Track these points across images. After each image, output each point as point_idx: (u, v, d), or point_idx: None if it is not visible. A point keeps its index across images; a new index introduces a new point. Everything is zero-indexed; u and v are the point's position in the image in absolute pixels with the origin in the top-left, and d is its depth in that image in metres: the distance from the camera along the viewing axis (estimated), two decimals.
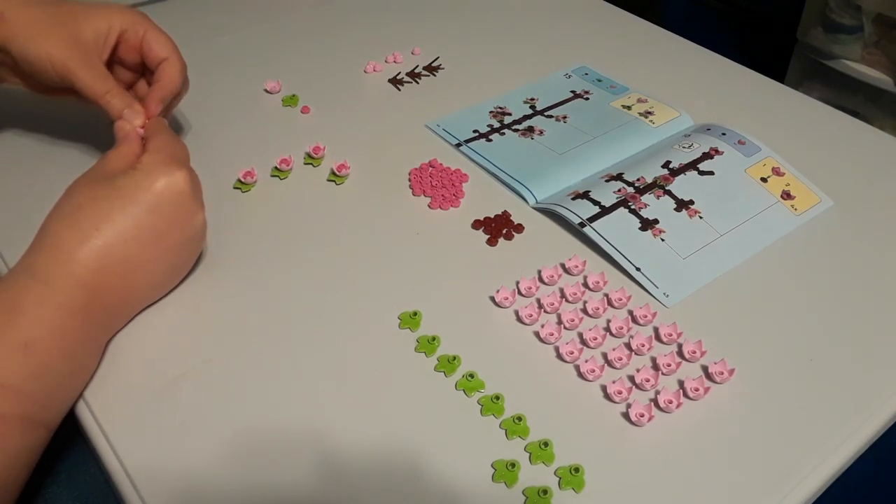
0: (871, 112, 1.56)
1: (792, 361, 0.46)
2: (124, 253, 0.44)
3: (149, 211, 0.45)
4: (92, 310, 0.43)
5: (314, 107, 0.67)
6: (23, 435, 0.39)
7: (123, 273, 0.44)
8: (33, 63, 0.52)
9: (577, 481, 0.39)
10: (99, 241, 0.43)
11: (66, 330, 0.42)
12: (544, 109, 0.67)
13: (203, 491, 0.39)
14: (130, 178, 0.45)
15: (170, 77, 0.55)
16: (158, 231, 0.45)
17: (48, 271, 0.42)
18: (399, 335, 0.47)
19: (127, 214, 0.44)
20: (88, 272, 0.43)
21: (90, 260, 0.43)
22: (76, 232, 0.43)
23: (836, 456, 0.41)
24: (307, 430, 0.42)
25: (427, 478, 0.40)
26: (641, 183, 0.57)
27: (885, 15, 1.49)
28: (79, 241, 0.43)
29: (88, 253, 0.43)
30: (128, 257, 0.44)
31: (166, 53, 0.55)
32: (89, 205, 0.44)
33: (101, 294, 0.44)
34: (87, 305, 0.43)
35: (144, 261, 0.45)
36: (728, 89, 0.71)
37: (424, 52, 0.75)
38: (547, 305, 0.49)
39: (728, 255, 0.53)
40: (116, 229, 0.44)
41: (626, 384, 0.44)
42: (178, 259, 0.48)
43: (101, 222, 0.44)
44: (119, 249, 0.44)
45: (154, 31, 0.55)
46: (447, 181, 0.59)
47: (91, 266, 0.43)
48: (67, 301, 0.42)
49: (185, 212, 0.47)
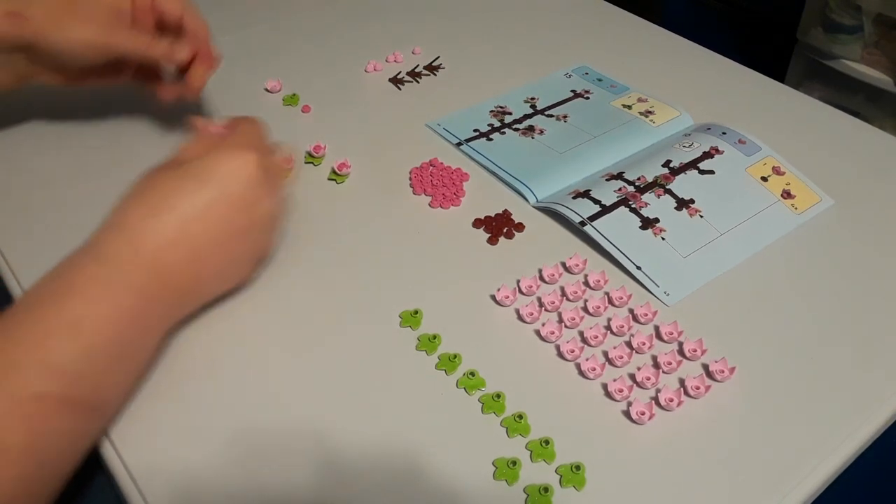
0: (871, 112, 1.57)
1: (792, 360, 0.46)
2: (187, 232, 0.43)
3: (214, 192, 0.44)
4: (149, 290, 0.41)
5: (315, 106, 0.67)
6: (65, 417, 0.37)
7: (186, 255, 0.43)
8: (64, 51, 0.54)
9: (578, 479, 0.39)
10: (161, 219, 0.42)
11: (120, 309, 0.40)
12: (545, 109, 0.67)
13: (204, 490, 0.39)
14: (201, 161, 0.45)
15: (195, 25, 0.57)
16: (223, 214, 0.44)
17: (107, 248, 0.41)
18: (400, 333, 0.47)
19: (192, 193, 0.43)
20: (148, 250, 0.41)
21: (150, 236, 0.42)
22: (140, 209, 0.43)
23: (836, 455, 0.41)
24: (308, 428, 0.42)
25: (428, 476, 0.40)
26: (642, 182, 0.57)
27: (885, 15, 1.49)
28: (141, 217, 0.42)
29: (149, 229, 0.42)
30: (190, 236, 0.43)
31: (179, 10, 0.57)
32: (156, 185, 0.44)
33: (161, 275, 0.42)
34: (145, 285, 0.41)
35: (208, 243, 0.44)
36: (728, 89, 0.71)
37: (425, 52, 0.75)
38: (548, 304, 0.49)
39: (728, 254, 0.53)
40: (180, 208, 0.43)
41: (626, 382, 0.44)
42: (242, 247, 0.46)
43: (164, 200, 0.43)
44: (182, 228, 0.43)
45: None
46: (448, 180, 0.59)
47: (151, 243, 0.42)
48: (122, 279, 0.40)
49: (251, 196, 0.45)
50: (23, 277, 0.50)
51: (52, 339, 0.38)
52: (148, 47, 0.55)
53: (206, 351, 0.46)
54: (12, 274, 0.51)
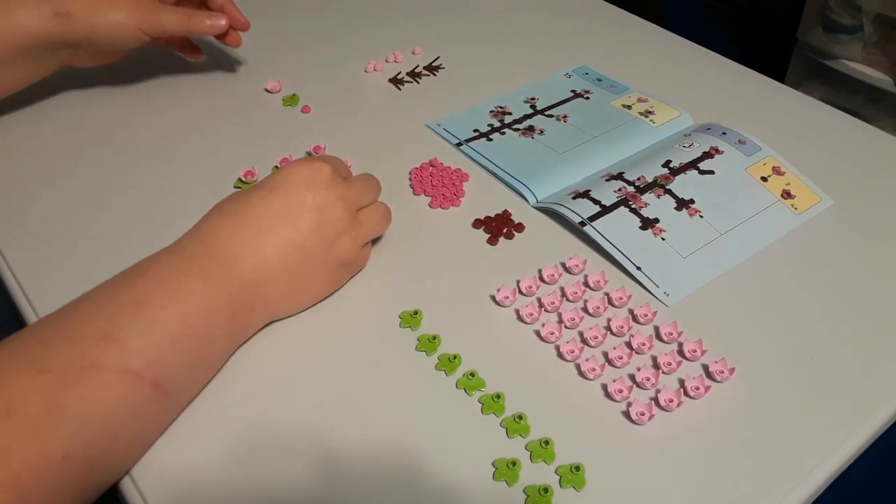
0: (871, 112, 1.57)
1: (792, 361, 0.46)
2: (251, 228, 0.44)
3: (284, 196, 0.45)
4: (215, 279, 0.42)
5: (315, 106, 0.67)
6: (126, 389, 0.37)
7: (253, 250, 0.44)
8: (109, 39, 0.59)
9: (578, 480, 0.39)
10: (232, 221, 0.44)
11: (186, 292, 0.41)
12: (545, 109, 0.67)
13: (204, 490, 0.39)
14: (273, 175, 0.47)
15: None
16: (290, 209, 0.45)
17: (180, 244, 0.44)
18: (400, 334, 0.47)
19: (261, 199, 0.45)
20: (217, 244, 0.43)
21: (221, 235, 0.44)
22: (213, 216, 0.45)
23: (836, 456, 0.41)
24: (308, 428, 0.42)
25: (428, 476, 0.40)
26: (642, 182, 0.57)
27: (885, 15, 1.49)
28: (214, 212, 0.45)
29: (221, 230, 0.44)
30: (255, 232, 0.44)
31: None
32: (234, 198, 0.46)
33: (230, 266, 0.43)
34: (209, 271, 0.42)
35: (273, 238, 0.44)
36: (728, 89, 0.71)
37: (425, 52, 0.75)
38: (547, 304, 0.49)
39: (728, 254, 0.53)
40: (252, 212, 0.45)
41: (626, 383, 0.44)
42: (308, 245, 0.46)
43: (238, 200, 0.45)
44: (247, 226, 0.44)
45: None
46: (448, 180, 0.59)
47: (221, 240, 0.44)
48: (189, 265, 0.42)
49: (322, 200, 0.46)
50: (23, 277, 0.50)
51: (118, 315, 0.39)
52: (188, 24, 0.60)
53: None
54: (12, 274, 0.51)
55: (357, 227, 0.48)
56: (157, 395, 0.39)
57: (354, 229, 0.48)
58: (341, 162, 0.51)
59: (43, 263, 0.51)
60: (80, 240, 0.53)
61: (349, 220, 0.47)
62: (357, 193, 0.49)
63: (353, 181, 0.49)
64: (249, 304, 0.44)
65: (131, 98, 0.67)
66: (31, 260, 0.51)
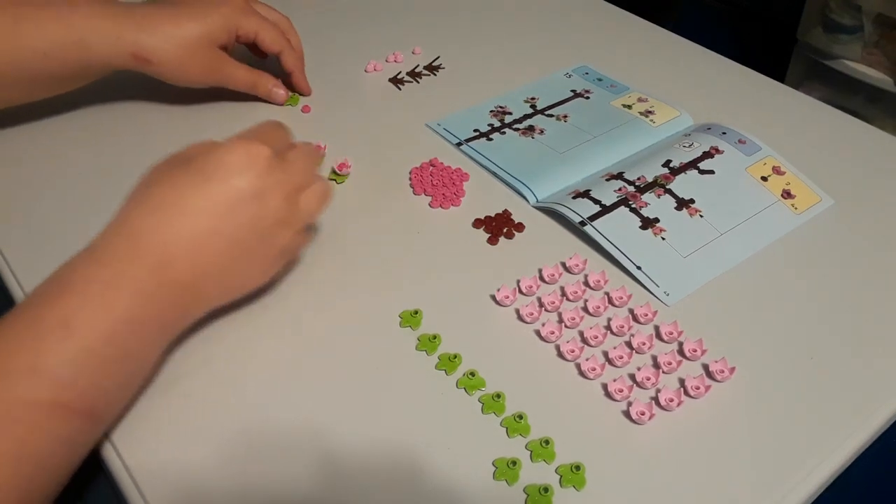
0: (871, 112, 1.57)
1: (792, 360, 0.46)
2: (190, 228, 0.41)
3: (220, 185, 0.42)
4: (147, 289, 0.40)
5: (315, 106, 0.67)
6: (57, 424, 0.36)
7: (189, 251, 0.41)
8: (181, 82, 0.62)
9: (578, 479, 0.39)
10: (162, 215, 0.41)
11: (116, 309, 0.38)
12: (545, 109, 0.67)
13: (204, 490, 0.39)
14: (208, 154, 0.43)
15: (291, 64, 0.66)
16: (231, 209, 0.42)
17: (105, 248, 0.40)
18: (400, 333, 0.47)
19: (196, 187, 0.42)
20: (147, 247, 0.40)
21: (150, 234, 0.40)
22: (141, 206, 0.41)
23: (836, 455, 0.41)
24: (308, 429, 0.42)
25: (428, 476, 0.40)
26: (642, 182, 0.57)
27: (885, 15, 1.49)
28: (141, 214, 0.41)
29: (148, 227, 0.41)
30: (194, 233, 0.41)
31: (279, 47, 0.65)
32: (160, 181, 0.42)
33: (161, 273, 0.40)
34: (143, 283, 0.39)
35: (213, 239, 0.42)
36: (728, 89, 0.71)
37: (425, 52, 0.75)
38: (548, 304, 0.49)
39: (728, 253, 0.53)
40: (182, 203, 0.41)
41: (626, 382, 0.44)
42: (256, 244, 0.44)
43: (167, 196, 0.41)
44: (185, 224, 0.41)
45: (264, 30, 0.63)
46: (448, 180, 0.59)
47: (150, 241, 0.40)
48: (118, 277, 0.39)
49: (261, 187, 0.43)
50: (23, 277, 0.50)
51: (45, 342, 0.37)
52: (254, 89, 0.65)
53: (206, 351, 0.46)
54: (12, 274, 0.51)
55: (296, 213, 0.46)
56: (89, 422, 0.38)
57: (293, 217, 0.45)
58: (278, 130, 0.48)
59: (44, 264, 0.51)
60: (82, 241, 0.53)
61: (288, 209, 0.45)
62: (297, 175, 0.46)
63: (292, 160, 0.46)
64: (183, 306, 0.42)
65: (133, 99, 0.67)
66: (31, 261, 0.51)
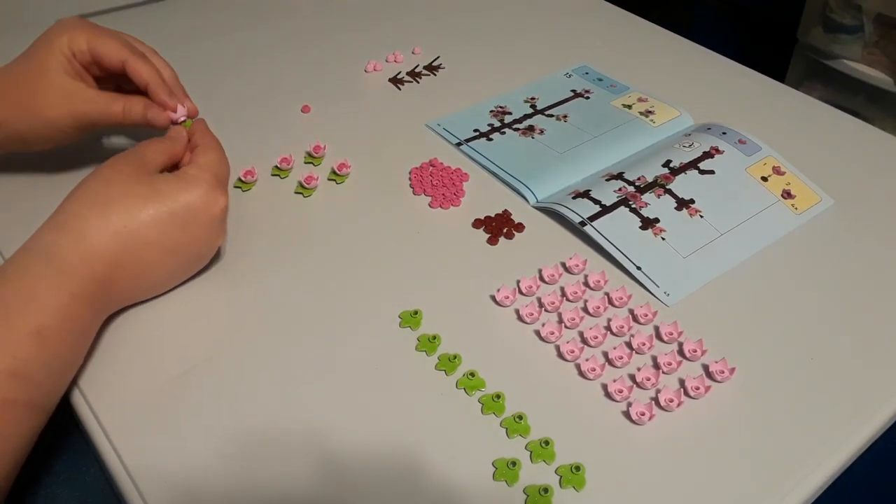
0: (871, 112, 1.56)
1: (792, 361, 0.46)
2: (142, 255, 0.45)
3: (180, 225, 0.46)
4: (98, 301, 0.44)
5: (315, 106, 0.67)
6: (28, 421, 0.40)
7: (135, 272, 0.45)
8: (43, 136, 0.53)
9: (578, 480, 0.39)
10: (124, 240, 0.44)
11: (76, 320, 0.42)
12: (545, 109, 0.67)
13: (204, 490, 0.39)
14: (172, 186, 0.46)
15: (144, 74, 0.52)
16: (181, 244, 0.46)
17: (67, 259, 0.42)
18: (400, 334, 0.47)
19: (158, 222, 0.45)
20: (104, 266, 0.43)
21: (110, 255, 0.43)
22: (104, 224, 0.44)
23: (836, 456, 0.41)
24: (307, 428, 0.42)
25: (428, 476, 0.40)
26: (642, 182, 0.57)
27: (885, 15, 1.49)
28: (105, 234, 0.43)
29: (111, 248, 0.44)
30: (144, 260, 0.45)
31: (122, 56, 0.52)
32: (124, 201, 0.44)
33: (109, 287, 0.44)
34: (95, 296, 0.43)
35: (157, 265, 0.46)
36: (728, 89, 0.71)
37: (425, 52, 0.75)
38: (548, 304, 0.49)
39: (728, 254, 0.53)
40: (143, 232, 0.44)
41: (626, 383, 0.44)
42: (184, 269, 0.49)
43: (131, 222, 0.44)
44: (139, 251, 0.45)
45: (99, 40, 0.51)
46: (447, 180, 0.59)
47: (109, 261, 0.44)
48: (80, 291, 0.42)
49: (212, 234, 0.48)
50: None
51: (19, 348, 0.40)
52: (121, 115, 0.52)
53: (206, 351, 0.46)
54: None
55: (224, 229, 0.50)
56: (45, 418, 0.42)
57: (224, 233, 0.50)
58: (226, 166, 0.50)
59: None
60: None
61: (223, 240, 0.50)
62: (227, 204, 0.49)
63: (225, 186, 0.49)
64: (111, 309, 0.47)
65: None
66: None
